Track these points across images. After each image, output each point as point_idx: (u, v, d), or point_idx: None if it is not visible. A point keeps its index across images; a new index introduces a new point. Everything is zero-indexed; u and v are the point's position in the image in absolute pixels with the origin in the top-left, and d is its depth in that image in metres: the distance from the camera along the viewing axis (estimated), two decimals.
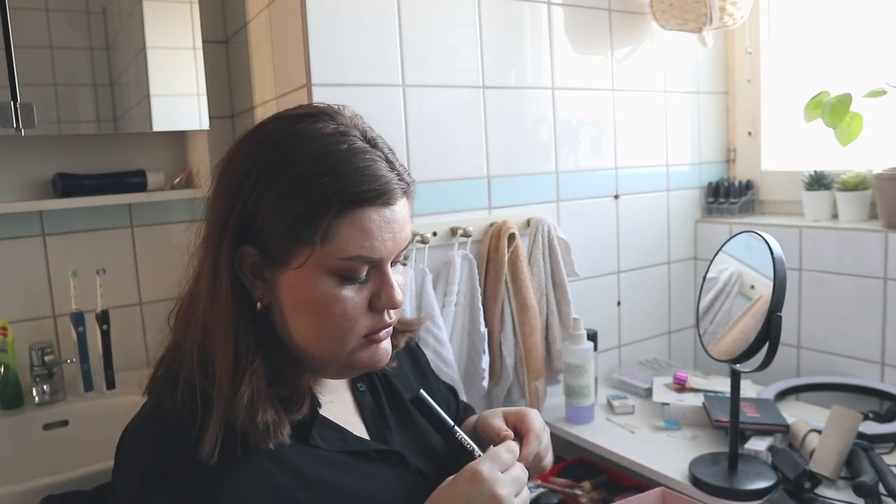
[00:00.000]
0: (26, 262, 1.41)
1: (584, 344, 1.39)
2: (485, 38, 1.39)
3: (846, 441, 1.10)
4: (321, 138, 0.66)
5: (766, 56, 1.76)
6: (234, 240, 0.66)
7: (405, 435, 0.81)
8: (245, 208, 0.65)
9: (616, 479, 1.33)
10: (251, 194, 0.65)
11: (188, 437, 0.62)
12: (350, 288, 0.67)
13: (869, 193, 1.51)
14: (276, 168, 0.65)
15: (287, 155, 0.65)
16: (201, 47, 1.46)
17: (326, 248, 0.65)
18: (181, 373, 0.67)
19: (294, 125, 0.67)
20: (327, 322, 0.67)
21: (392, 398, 0.85)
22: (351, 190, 0.64)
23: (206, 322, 0.67)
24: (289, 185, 0.64)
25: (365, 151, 0.67)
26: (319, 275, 0.66)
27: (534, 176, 1.49)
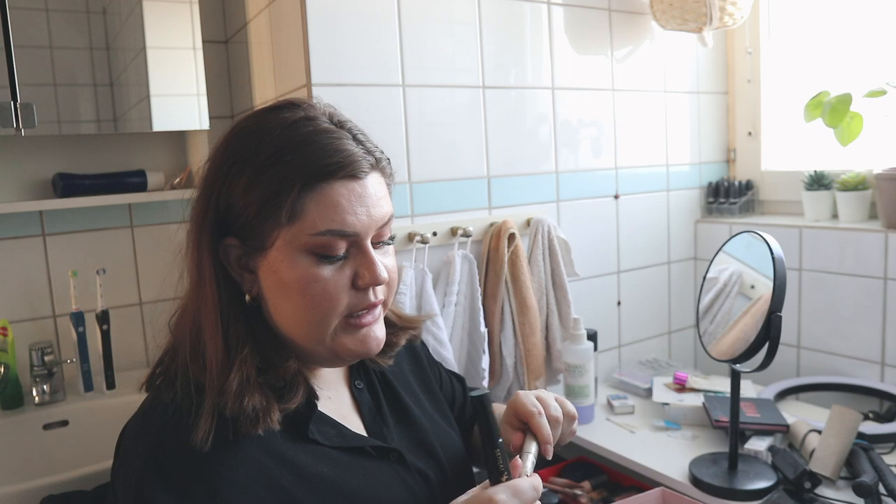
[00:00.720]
0: (26, 262, 1.41)
1: (584, 344, 1.39)
2: (485, 38, 1.39)
3: (846, 441, 1.10)
4: (286, 124, 0.68)
5: (766, 56, 1.76)
6: (212, 233, 0.68)
7: (403, 433, 0.81)
8: (219, 200, 0.68)
9: (616, 479, 1.33)
10: (223, 186, 0.67)
11: (185, 429, 0.63)
12: (329, 267, 0.67)
13: (869, 193, 1.51)
14: (243, 157, 0.67)
15: (252, 143, 0.67)
16: (201, 47, 1.46)
17: (297, 227, 0.66)
18: (179, 369, 0.69)
19: (263, 117, 0.70)
20: (308, 303, 0.67)
21: (390, 396, 0.85)
22: (313, 165, 0.65)
23: (196, 316, 0.68)
24: (254, 169, 0.66)
25: (329, 131, 0.68)
26: (295, 255, 0.67)
27: (534, 176, 1.49)
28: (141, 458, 0.64)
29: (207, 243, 0.68)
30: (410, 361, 0.93)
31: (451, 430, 0.90)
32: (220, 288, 0.68)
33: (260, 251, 0.68)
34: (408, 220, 1.32)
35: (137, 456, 0.64)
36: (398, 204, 1.30)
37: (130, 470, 0.64)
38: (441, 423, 0.89)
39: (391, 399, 0.84)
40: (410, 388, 0.88)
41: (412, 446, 0.81)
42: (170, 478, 0.62)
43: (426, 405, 0.89)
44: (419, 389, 0.90)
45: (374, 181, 0.70)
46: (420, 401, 0.88)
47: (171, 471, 0.62)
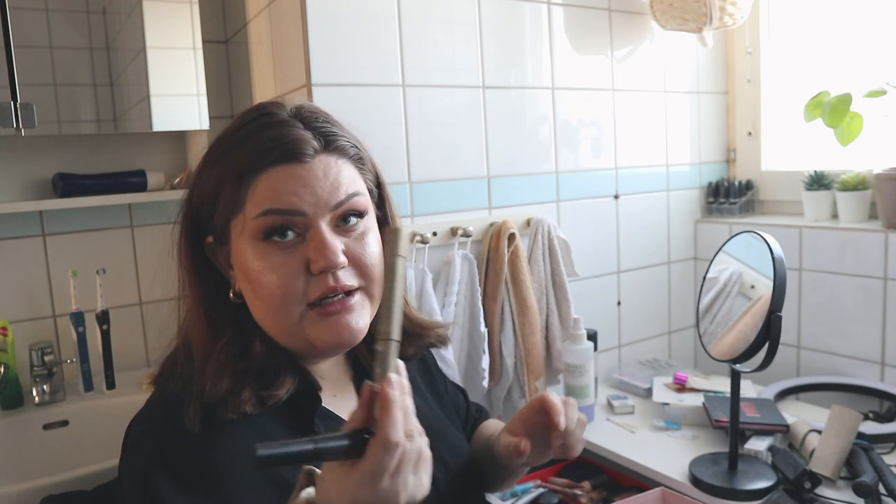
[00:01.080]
0: (26, 262, 1.41)
1: (584, 344, 1.39)
2: (485, 38, 1.39)
3: (846, 441, 1.10)
4: (238, 122, 0.71)
5: (766, 56, 1.76)
6: (189, 233, 0.71)
7: None
8: (192, 201, 0.72)
9: (616, 479, 1.33)
10: (193, 187, 0.72)
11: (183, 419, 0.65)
12: (279, 253, 0.67)
13: (869, 193, 1.51)
14: (204, 157, 0.72)
15: (212, 144, 0.72)
16: (201, 47, 1.46)
17: (243, 214, 0.68)
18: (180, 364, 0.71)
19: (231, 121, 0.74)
20: (264, 291, 0.67)
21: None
22: (250, 154, 0.68)
23: (187, 312, 0.72)
24: (208, 167, 0.70)
25: (277, 123, 0.69)
26: (248, 244, 0.68)
27: (534, 176, 1.49)
28: (146, 451, 0.64)
29: (186, 244, 0.72)
30: (418, 365, 0.92)
31: (460, 434, 0.89)
32: (202, 285, 0.71)
33: (226, 245, 0.71)
34: (408, 220, 1.32)
35: (143, 449, 0.65)
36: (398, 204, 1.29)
37: (136, 463, 0.65)
38: (450, 426, 0.88)
39: None
40: (419, 391, 0.88)
41: None
42: (174, 471, 0.62)
43: (435, 408, 0.89)
44: (427, 392, 0.90)
45: (325, 163, 0.69)
46: (429, 403, 0.88)
47: (176, 464, 0.63)
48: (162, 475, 0.62)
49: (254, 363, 0.69)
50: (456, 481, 0.81)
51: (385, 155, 1.28)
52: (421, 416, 0.83)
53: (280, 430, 0.69)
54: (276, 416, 0.69)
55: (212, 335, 0.69)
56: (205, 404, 0.65)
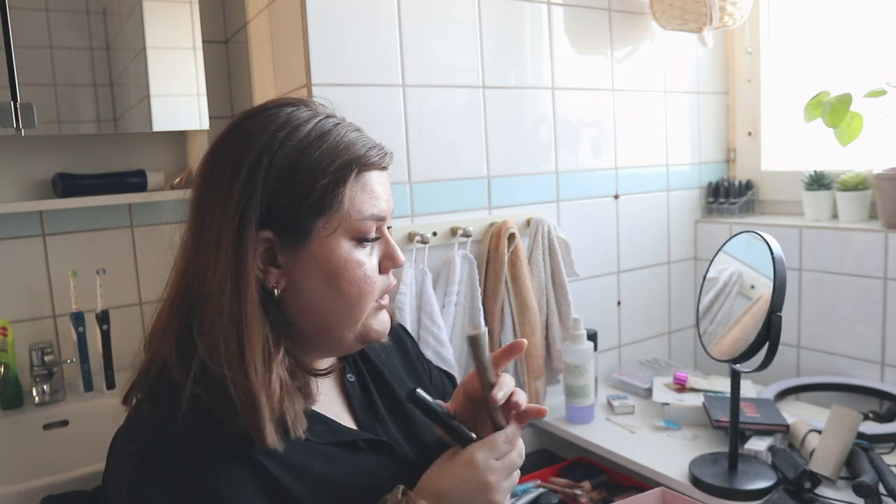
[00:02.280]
0: (26, 262, 1.41)
1: (584, 344, 1.39)
2: (485, 38, 1.39)
3: (846, 441, 1.10)
4: (314, 118, 0.71)
5: (766, 56, 1.76)
6: (256, 227, 0.66)
7: (396, 425, 0.82)
8: (264, 194, 0.66)
9: (616, 479, 1.33)
10: (267, 179, 0.66)
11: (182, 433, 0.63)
12: (363, 252, 0.72)
13: (869, 193, 1.51)
14: (286, 149, 0.67)
15: (293, 135, 0.68)
16: (201, 47, 1.46)
17: (345, 213, 0.69)
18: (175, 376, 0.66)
19: (282, 111, 0.71)
20: (351, 287, 0.70)
21: (381, 388, 0.84)
22: (361, 154, 0.70)
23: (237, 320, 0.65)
24: (308, 161, 0.67)
25: (351, 126, 0.73)
26: (341, 241, 0.69)
27: (534, 176, 1.49)
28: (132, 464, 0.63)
29: (253, 241, 0.66)
30: (399, 353, 0.93)
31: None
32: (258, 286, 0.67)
33: (299, 242, 0.68)
34: (408, 219, 1.32)
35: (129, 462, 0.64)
36: (399, 204, 1.30)
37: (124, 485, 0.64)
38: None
39: (383, 391, 0.84)
40: (401, 380, 0.88)
41: (404, 439, 0.81)
42: (164, 481, 0.62)
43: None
44: (410, 380, 0.90)
45: (387, 174, 0.76)
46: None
47: (165, 474, 0.62)
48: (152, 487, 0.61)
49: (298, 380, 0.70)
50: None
51: None
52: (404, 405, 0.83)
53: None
54: None
55: (267, 345, 0.66)
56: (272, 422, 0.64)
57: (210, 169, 0.70)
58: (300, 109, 0.72)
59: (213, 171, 0.69)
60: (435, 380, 0.99)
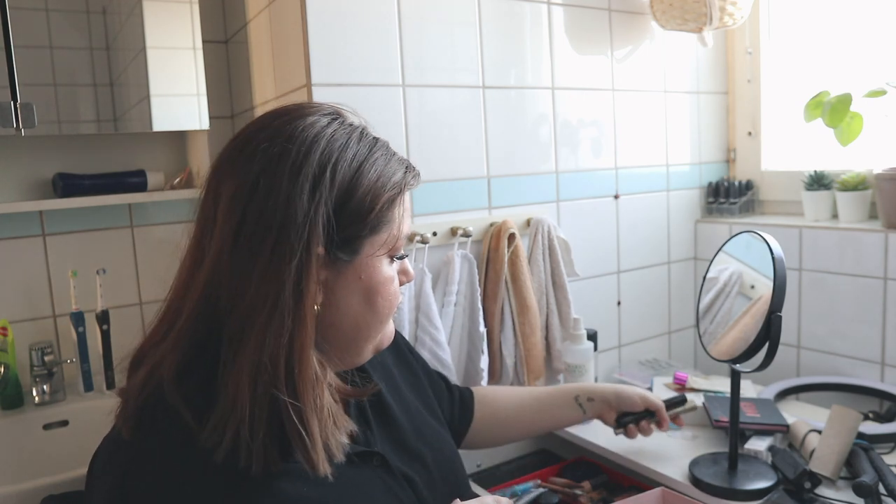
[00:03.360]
0: (26, 262, 1.41)
1: (584, 344, 1.39)
2: (485, 38, 1.39)
3: (846, 441, 1.10)
4: (356, 133, 0.70)
5: (766, 56, 1.76)
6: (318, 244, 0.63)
7: (388, 436, 0.80)
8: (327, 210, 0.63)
9: (616, 479, 1.33)
10: (330, 193, 0.63)
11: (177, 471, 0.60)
12: (394, 268, 0.74)
13: (869, 193, 1.51)
14: (346, 164, 0.66)
15: (348, 154, 0.67)
16: (201, 47, 1.46)
17: (391, 232, 0.70)
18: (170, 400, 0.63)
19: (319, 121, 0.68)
20: (385, 303, 0.72)
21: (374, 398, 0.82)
22: (403, 174, 0.71)
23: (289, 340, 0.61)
24: (365, 181, 0.67)
25: (385, 143, 0.73)
26: (383, 259, 0.71)
27: (534, 176, 1.49)
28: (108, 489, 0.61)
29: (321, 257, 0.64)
30: (393, 355, 0.92)
31: (439, 426, 0.89)
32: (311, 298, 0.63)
33: (348, 258, 0.67)
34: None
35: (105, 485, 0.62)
36: None
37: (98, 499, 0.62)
38: (429, 419, 0.88)
39: (374, 401, 0.82)
40: (394, 385, 0.87)
41: (397, 449, 0.79)
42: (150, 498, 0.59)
43: (411, 402, 0.87)
44: (403, 384, 0.89)
45: None
46: (405, 399, 0.87)
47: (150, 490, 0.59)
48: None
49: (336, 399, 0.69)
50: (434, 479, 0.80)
51: None
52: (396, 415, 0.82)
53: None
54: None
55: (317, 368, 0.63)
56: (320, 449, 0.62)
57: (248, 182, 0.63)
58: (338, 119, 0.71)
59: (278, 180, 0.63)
60: (434, 380, 0.99)
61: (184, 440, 0.60)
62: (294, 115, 0.68)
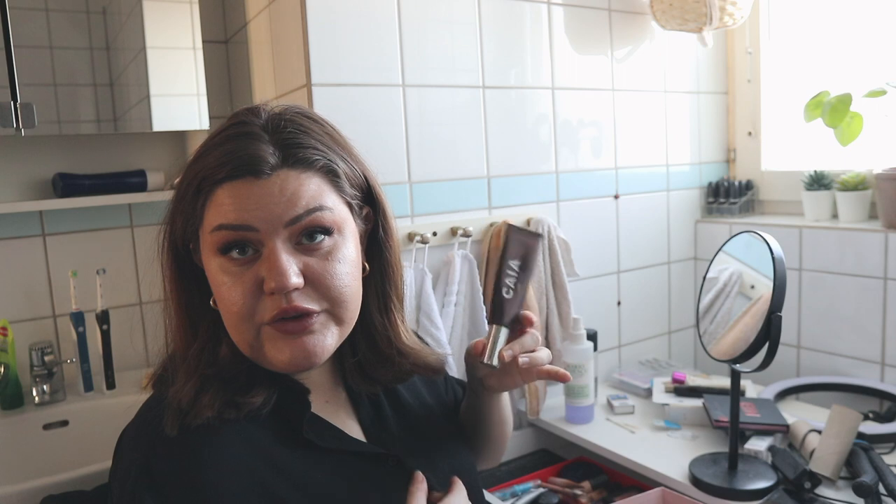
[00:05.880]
0: (26, 262, 1.41)
1: (584, 344, 1.39)
2: (485, 38, 1.39)
3: (846, 441, 1.10)
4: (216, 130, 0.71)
5: (766, 56, 1.76)
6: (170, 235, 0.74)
7: (406, 440, 0.79)
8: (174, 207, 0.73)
9: (616, 479, 1.33)
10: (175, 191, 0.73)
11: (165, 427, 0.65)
12: (236, 268, 0.65)
13: (869, 193, 1.51)
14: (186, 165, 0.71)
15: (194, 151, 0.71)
16: (201, 47, 1.46)
17: (202, 227, 0.68)
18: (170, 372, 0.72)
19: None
20: (225, 306, 0.67)
21: (392, 400, 0.82)
22: (209, 168, 0.66)
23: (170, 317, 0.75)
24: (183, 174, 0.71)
25: (241, 135, 0.67)
26: (209, 257, 0.68)
27: (534, 176, 1.49)
28: (131, 462, 0.64)
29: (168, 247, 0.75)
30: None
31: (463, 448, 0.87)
32: (183, 290, 0.74)
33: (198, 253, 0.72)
34: (408, 220, 1.32)
35: (128, 459, 0.65)
36: (398, 204, 1.30)
37: (124, 477, 0.64)
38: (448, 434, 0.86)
39: (393, 403, 0.82)
40: (417, 393, 0.86)
41: (415, 453, 0.78)
42: (161, 488, 0.61)
43: (434, 410, 0.87)
44: (427, 394, 0.88)
45: (283, 178, 0.65)
46: (428, 406, 0.86)
47: (160, 476, 0.62)
48: (145, 487, 0.61)
49: (222, 369, 0.69)
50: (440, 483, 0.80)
51: (385, 155, 1.28)
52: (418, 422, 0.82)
53: (268, 436, 0.68)
54: (265, 423, 0.68)
55: (188, 340, 0.71)
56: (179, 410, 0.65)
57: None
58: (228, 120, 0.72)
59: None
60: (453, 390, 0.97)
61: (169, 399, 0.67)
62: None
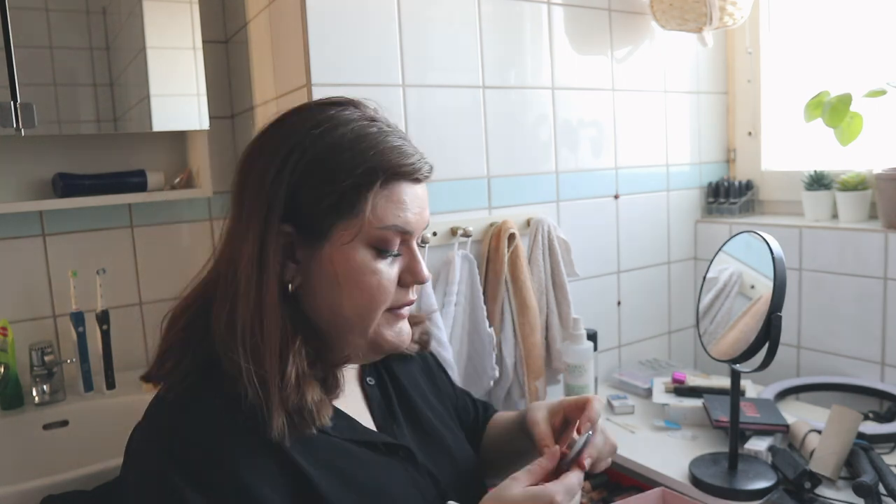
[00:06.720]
0: (26, 262, 1.41)
1: (584, 344, 1.39)
2: (485, 38, 1.39)
3: (846, 441, 1.10)
4: (355, 121, 0.70)
5: (766, 56, 1.76)
6: (280, 219, 0.67)
7: (414, 433, 0.82)
8: (289, 189, 0.67)
9: (616, 479, 1.33)
10: (293, 174, 0.67)
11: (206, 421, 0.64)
12: (384, 262, 0.71)
13: (869, 193, 1.51)
14: (319, 147, 0.68)
15: (327, 135, 0.69)
16: (201, 47, 1.46)
17: (366, 220, 0.68)
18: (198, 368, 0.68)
19: (325, 111, 0.71)
20: (363, 295, 0.69)
21: (401, 396, 0.85)
22: (392, 164, 0.69)
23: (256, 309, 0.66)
24: (334, 161, 0.67)
25: (395, 133, 0.72)
26: (358, 247, 0.69)
27: (534, 176, 1.49)
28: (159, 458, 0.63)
29: (276, 232, 0.67)
30: (422, 369, 0.93)
31: (461, 437, 0.89)
32: (280, 278, 0.68)
33: (317, 241, 0.69)
34: None
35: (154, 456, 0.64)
36: None
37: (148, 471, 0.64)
38: (453, 428, 0.89)
39: (402, 399, 0.85)
40: (422, 392, 0.88)
41: (422, 445, 0.81)
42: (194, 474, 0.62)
43: (441, 411, 0.89)
44: (432, 396, 0.90)
45: (425, 186, 0.75)
46: (434, 407, 0.88)
47: (195, 466, 0.62)
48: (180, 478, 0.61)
49: (319, 371, 0.70)
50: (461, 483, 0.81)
51: None
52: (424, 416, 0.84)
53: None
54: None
55: (285, 335, 0.66)
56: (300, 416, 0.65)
57: (249, 162, 0.71)
58: (346, 110, 0.72)
59: (251, 165, 0.70)
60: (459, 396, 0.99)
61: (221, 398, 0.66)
62: (302, 106, 0.74)
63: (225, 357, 0.66)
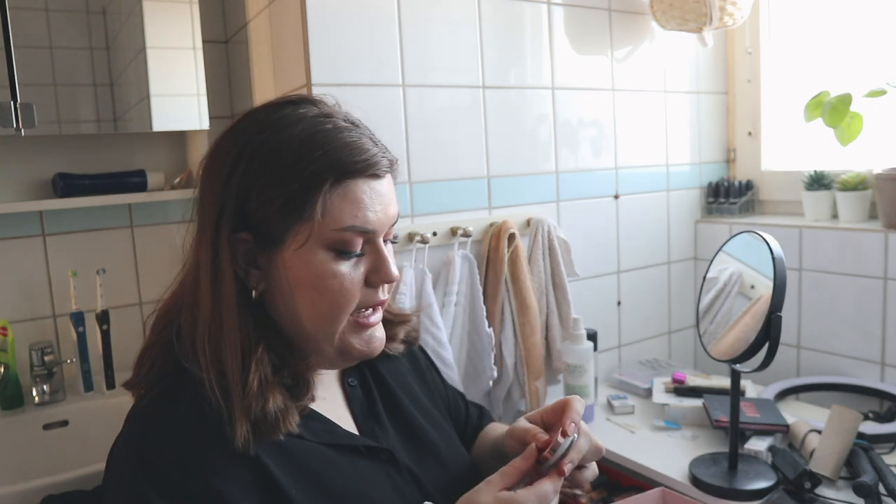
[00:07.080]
0: (26, 262, 1.41)
1: (584, 344, 1.39)
2: (485, 38, 1.39)
3: (846, 441, 1.10)
4: (306, 120, 0.68)
5: (766, 56, 1.76)
6: (231, 227, 0.66)
7: (398, 434, 0.81)
8: (238, 194, 0.66)
9: (616, 479, 1.33)
10: (242, 179, 0.66)
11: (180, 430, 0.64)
12: (346, 263, 0.68)
13: (869, 193, 1.51)
14: (265, 150, 0.66)
15: (275, 137, 0.67)
16: (201, 47, 1.46)
17: (320, 223, 0.66)
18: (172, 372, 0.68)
19: (278, 111, 0.69)
20: (325, 299, 0.67)
21: (386, 396, 0.84)
22: (342, 162, 0.66)
23: (214, 316, 0.66)
24: (280, 164, 0.65)
25: (349, 129, 0.69)
26: (316, 251, 0.67)
27: (534, 176, 1.49)
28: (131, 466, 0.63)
29: (226, 239, 0.66)
30: (410, 366, 0.92)
31: (451, 433, 0.88)
32: (237, 285, 0.67)
33: (275, 246, 0.67)
34: (408, 220, 1.32)
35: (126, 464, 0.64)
36: (399, 204, 1.29)
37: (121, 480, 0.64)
38: (445, 426, 0.88)
39: (387, 399, 0.83)
40: (410, 391, 0.87)
41: (407, 447, 0.79)
42: (164, 483, 0.61)
43: (430, 410, 0.88)
44: (421, 394, 0.89)
45: (389, 181, 0.72)
46: (421, 404, 0.87)
47: (165, 475, 0.62)
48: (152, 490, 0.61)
49: (286, 376, 0.69)
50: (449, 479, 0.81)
51: None
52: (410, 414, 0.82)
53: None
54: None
55: (242, 342, 0.66)
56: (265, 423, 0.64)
57: (204, 168, 0.70)
58: (301, 108, 0.70)
59: (206, 171, 0.70)
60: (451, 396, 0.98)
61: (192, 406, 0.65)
62: (256, 108, 0.72)
63: (189, 365, 0.66)
